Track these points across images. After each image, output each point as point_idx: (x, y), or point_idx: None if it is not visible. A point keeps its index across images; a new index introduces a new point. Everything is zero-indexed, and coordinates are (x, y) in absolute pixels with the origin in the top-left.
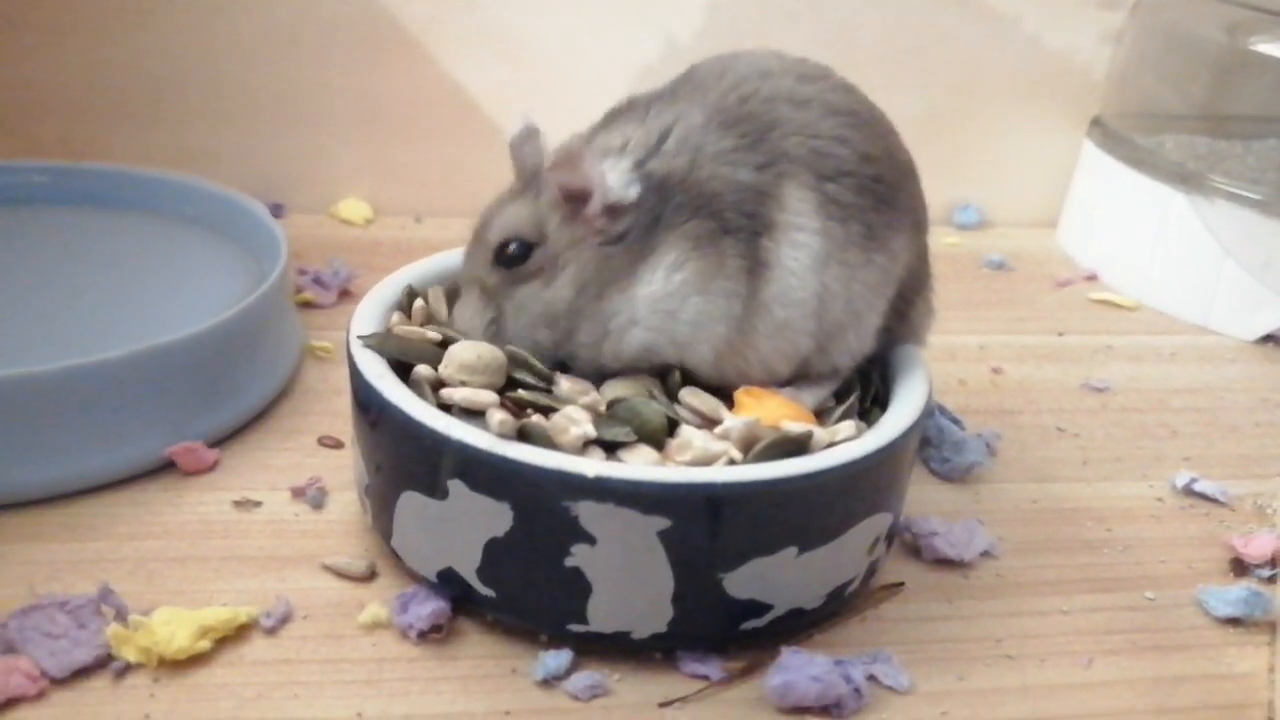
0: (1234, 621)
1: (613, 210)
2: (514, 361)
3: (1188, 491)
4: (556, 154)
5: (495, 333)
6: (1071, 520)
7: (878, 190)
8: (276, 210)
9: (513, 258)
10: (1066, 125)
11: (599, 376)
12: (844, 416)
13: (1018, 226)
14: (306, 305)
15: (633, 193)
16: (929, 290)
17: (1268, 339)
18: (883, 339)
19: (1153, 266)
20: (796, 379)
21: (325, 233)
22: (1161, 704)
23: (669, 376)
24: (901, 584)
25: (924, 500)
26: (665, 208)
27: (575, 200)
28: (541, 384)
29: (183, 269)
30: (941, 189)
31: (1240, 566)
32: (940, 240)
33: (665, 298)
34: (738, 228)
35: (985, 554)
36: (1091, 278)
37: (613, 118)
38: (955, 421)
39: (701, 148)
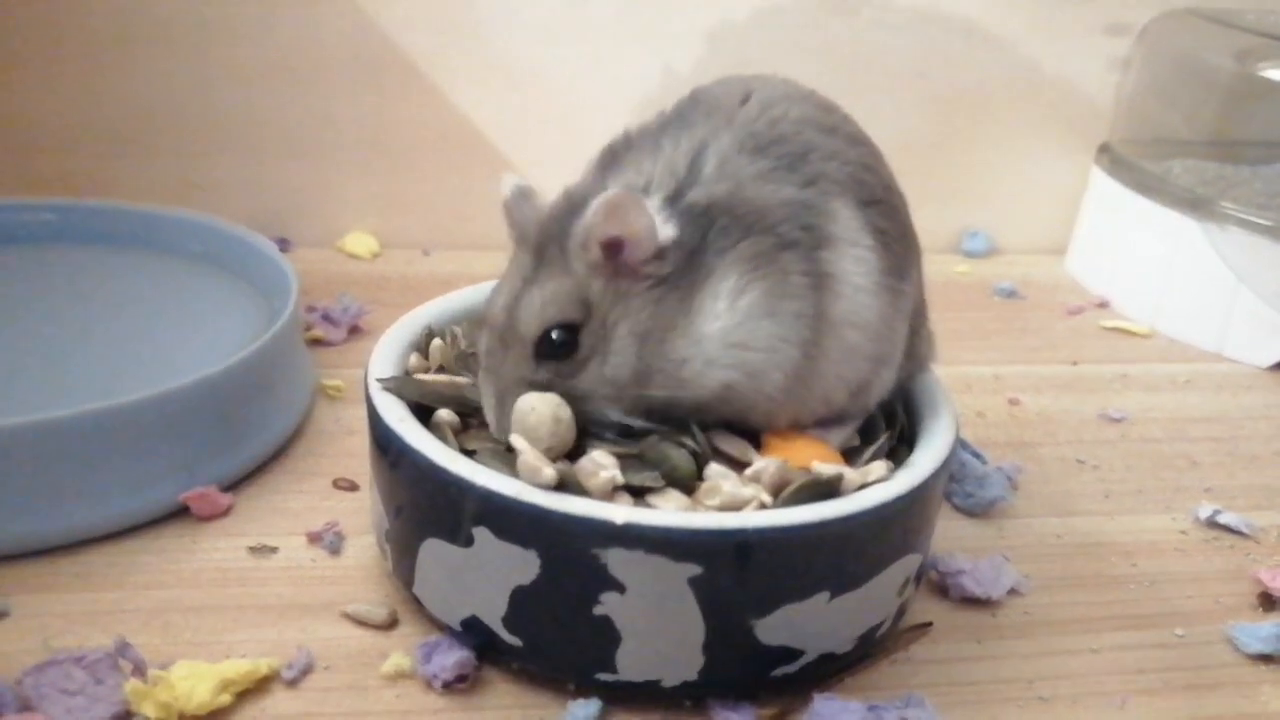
0: (1266, 659)
1: (660, 251)
2: None
3: (1211, 524)
4: (601, 207)
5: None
6: (1096, 555)
7: (898, 220)
8: (282, 245)
9: (561, 346)
10: (1074, 152)
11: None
12: (874, 456)
13: (1026, 254)
14: (316, 343)
15: (670, 230)
16: (927, 319)
17: None
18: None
19: (1165, 293)
20: (824, 419)
21: (332, 268)
22: None
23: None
24: (930, 624)
25: (948, 536)
26: (709, 234)
27: (616, 251)
28: None
29: (192, 307)
30: (950, 216)
31: (1269, 601)
32: (950, 268)
33: (735, 329)
34: (795, 241)
35: (1012, 591)
36: (1103, 305)
37: (615, 157)
38: (977, 455)
39: (739, 171)
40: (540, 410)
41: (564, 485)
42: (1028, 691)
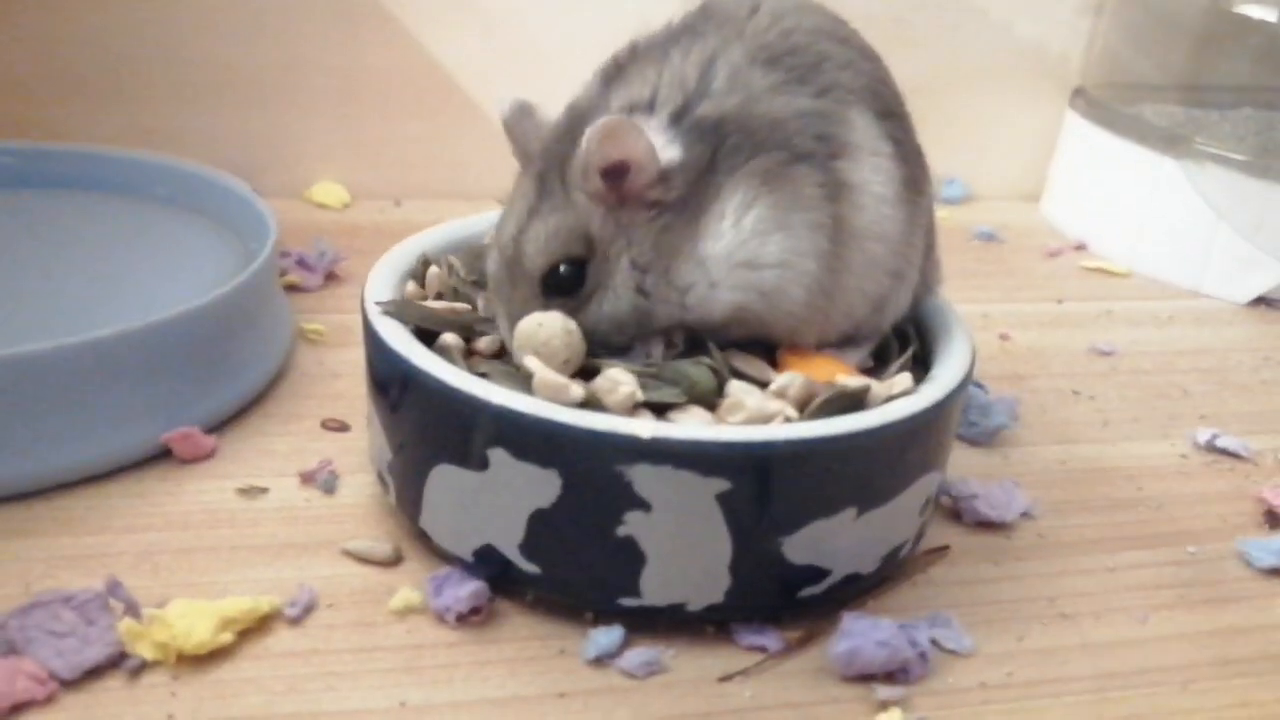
0: (1277, 572)
1: (664, 175)
2: None
3: (1210, 448)
4: (595, 132)
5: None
6: (1102, 480)
7: (912, 136)
8: None
9: (567, 281)
10: (1046, 98)
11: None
12: (899, 370)
13: (1002, 200)
14: (292, 289)
15: (674, 152)
16: (936, 243)
17: (1259, 301)
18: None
19: (1143, 233)
20: (840, 341)
21: (301, 217)
22: (1222, 655)
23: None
24: (947, 547)
25: (956, 464)
26: (719, 152)
27: (618, 178)
28: None
29: (165, 252)
30: None
31: (1274, 518)
32: None
33: (740, 246)
34: (809, 152)
35: (1025, 515)
36: (1080, 247)
37: (619, 70)
38: (979, 386)
39: (750, 84)
40: (549, 325)
41: (583, 404)
42: (1050, 609)
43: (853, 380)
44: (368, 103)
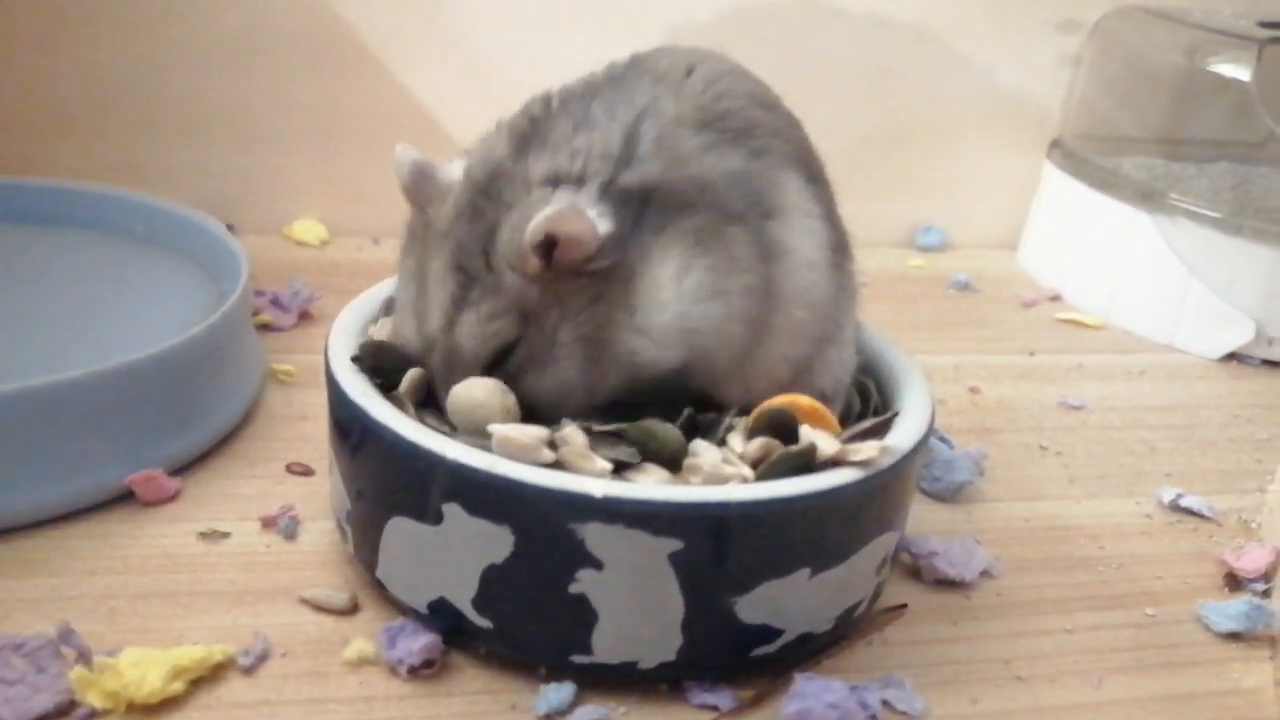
0: (1235, 636)
1: (600, 249)
2: None
3: (1174, 507)
4: (538, 227)
5: None
6: (1065, 538)
7: (835, 205)
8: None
9: (502, 357)
10: (1025, 148)
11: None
12: (870, 430)
13: (979, 248)
14: (264, 328)
15: (606, 223)
16: None
17: (1231, 357)
18: None
19: (1117, 287)
20: None
21: (279, 254)
22: None
23: None
24: (904, 606)
25: (918, 520)
26: (645, 211)
27: (550, 250)
28: None
29: (137, 290)
30: (904, 211)
31: (1234, 581)
32: (904, 262)
33: (683, 315)
34: (741, 213)
35: (985, 573)
36: (1055, 298)
37: (535, 128)
38: (944, 440)
39: (678, 146)
40: (488, 404)
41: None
42: (1005, 671)
43: (819, 438)
44: (348, 141)
